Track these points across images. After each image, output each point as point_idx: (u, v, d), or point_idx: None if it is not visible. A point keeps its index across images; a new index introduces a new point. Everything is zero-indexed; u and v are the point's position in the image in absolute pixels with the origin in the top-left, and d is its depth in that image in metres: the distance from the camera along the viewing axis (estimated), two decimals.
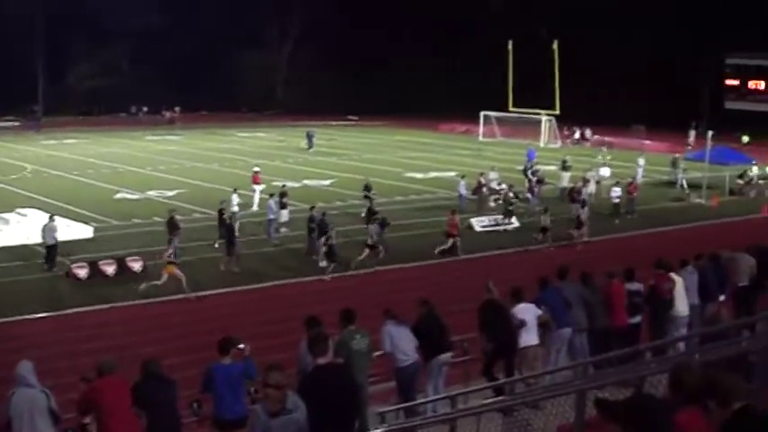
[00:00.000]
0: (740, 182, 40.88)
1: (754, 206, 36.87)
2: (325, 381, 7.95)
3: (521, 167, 40.64)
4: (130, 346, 17.52)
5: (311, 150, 54.02)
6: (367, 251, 25.58)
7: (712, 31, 63.70)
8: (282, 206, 29.76)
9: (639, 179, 39.50)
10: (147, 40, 74.08)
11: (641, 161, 42.00)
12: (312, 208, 28.02)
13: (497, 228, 31.30)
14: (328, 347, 8.29)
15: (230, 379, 10.31)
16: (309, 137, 55.60)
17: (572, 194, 33.55)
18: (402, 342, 12.45)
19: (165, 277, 22.56)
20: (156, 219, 30.74)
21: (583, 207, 30.38)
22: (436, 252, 27.29)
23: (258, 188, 34.35)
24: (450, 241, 27.45)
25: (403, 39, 76.46)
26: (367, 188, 33.40)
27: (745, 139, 56.69)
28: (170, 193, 37.42)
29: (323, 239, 25.84)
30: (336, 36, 77.72)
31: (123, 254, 25.82)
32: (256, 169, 36.25)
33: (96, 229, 29.59)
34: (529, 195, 34.84)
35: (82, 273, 24.23)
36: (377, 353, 12.16)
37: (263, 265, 25.97)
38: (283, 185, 32.63)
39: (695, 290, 15.00)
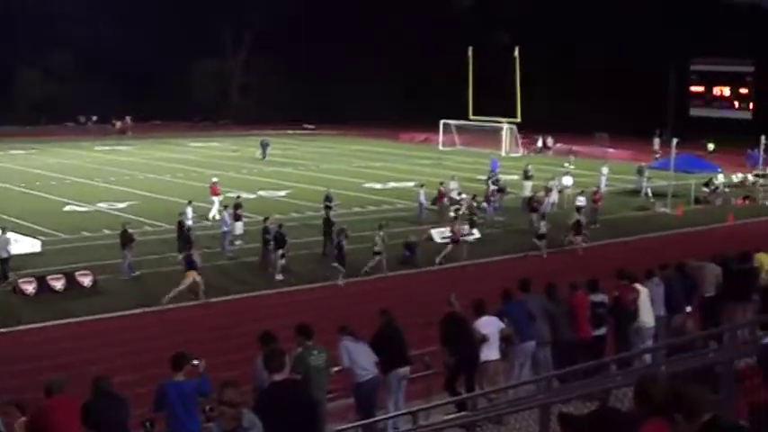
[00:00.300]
0: (706, 190, 40.88)
1: (719, 215, 36.88)
2: (281, 397, 7.74)
3: (483, 177, 40.61)
4: (81, 363, 17.06)
5: (264, 160, 53.55)
6: (376, 258, 26.02)
7: (677, 37, 64.30)
8: (237, 218, 29.34)
9: (603, 188, 39.47)
10: (97, 47, 72.29)
11: (605, 170, 42.07)
12: (266, 219, 27.48)
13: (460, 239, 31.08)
14: (285, 363, 8.07)
15: (184, 396, 10.07)
16: (264, 146, 55.12)
17: (531, 204, 33.39)
18: (360, 357, 12.19)
19: (187, 281, 22.74)
20: (107, 231, 30.21)
21: (578, 211, 30.66)
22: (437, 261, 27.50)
23: (216, 199, 33.87)
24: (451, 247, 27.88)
25: (361, 46, 75.82)
26: (328, 199, 32.99)
27: (711, 146, 57.15)
28: (121, 206, 36.66)
29: (280, 252, 25.56)
30: (292, 43, 77.18)
31: (72, 268, 25.22)
32: (215, 180, 35.75)
33: (44, 243, 28.74)
34: (485, 205, 34.61)
35: (30, 288, 23.61)
36: (335, 368, 11.90)
37: (218, 279, 25.50)
38: (238, 197, 32.18)
39: (661, 301, 14.90)
